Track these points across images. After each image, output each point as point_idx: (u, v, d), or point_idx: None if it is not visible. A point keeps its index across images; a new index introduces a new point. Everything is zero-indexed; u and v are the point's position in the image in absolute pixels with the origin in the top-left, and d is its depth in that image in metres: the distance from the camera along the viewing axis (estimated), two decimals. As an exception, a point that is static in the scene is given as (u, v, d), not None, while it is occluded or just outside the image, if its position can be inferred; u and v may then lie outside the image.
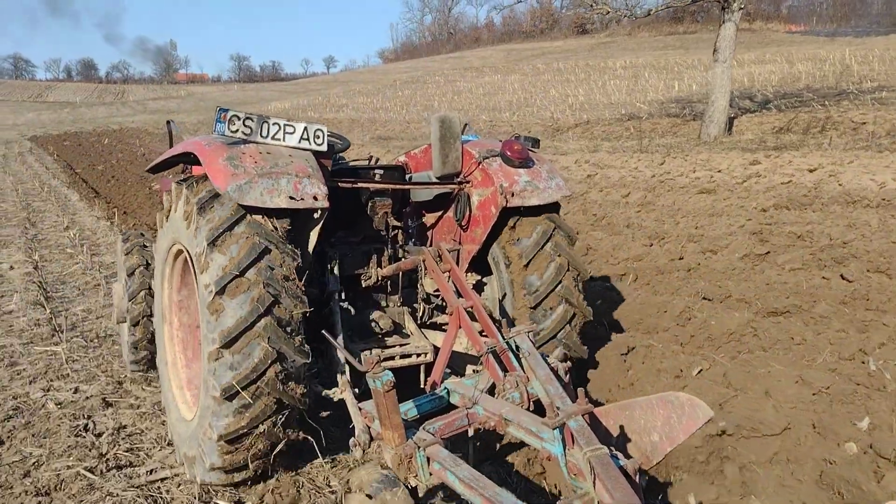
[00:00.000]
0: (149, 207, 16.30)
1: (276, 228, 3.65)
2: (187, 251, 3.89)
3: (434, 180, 4.76)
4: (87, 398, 5.37)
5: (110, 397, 5.38)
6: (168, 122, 6.63)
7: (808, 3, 70.50)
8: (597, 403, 3.97)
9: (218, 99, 77.75)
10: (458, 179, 4.71)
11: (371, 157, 5.63)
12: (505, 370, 3.82)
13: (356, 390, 3.90)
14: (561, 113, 29.86)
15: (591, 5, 21.41)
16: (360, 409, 3.69)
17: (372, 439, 3.47)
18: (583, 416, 3.13)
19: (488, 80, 54.36)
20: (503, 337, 3.92)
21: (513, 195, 4.39)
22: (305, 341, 3.68)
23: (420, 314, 4.84)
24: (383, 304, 4.76)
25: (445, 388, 3.90)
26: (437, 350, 4.31)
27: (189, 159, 4.58)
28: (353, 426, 3.65)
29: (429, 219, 5.20)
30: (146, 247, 5.70)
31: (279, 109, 53.31)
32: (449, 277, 4.43)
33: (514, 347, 3.90)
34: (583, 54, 65.37)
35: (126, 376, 5.84)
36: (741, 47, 50.88)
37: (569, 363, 3.92)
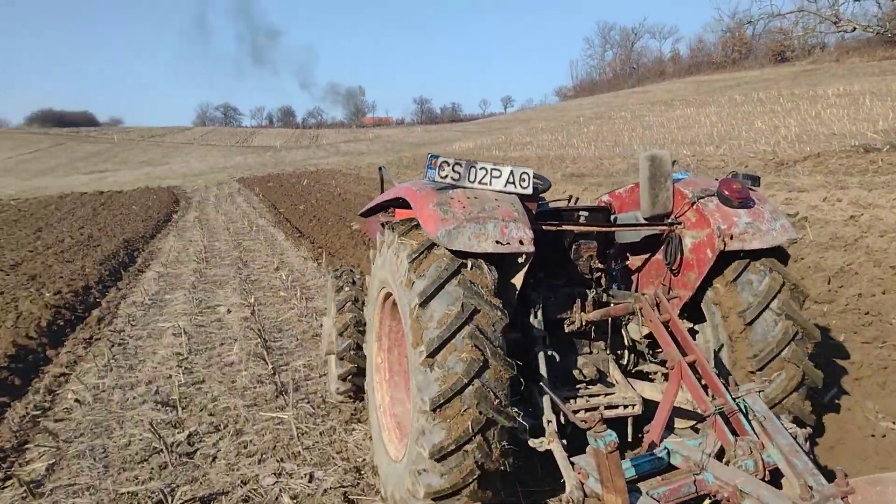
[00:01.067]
0: (351, 248, 16.12)
1: (485, 286, 3.59)
2: (396, 298, 3.89)
3: (642, 221, 4.53)
4: (325, 491, 4.53)
5: (351, 493, 4.50)
6: (380, 168, 6.75)
7: None
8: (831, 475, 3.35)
9: (403, 140, 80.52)
10: (669, 220, 4.46)
11: (570, 196, 5.38)
12: (734, 433, 3.61)
13: (564, 441, 3.68)
14: (774, 145, 27.04)
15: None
16: (572, 463, 3.50)
17: (586, 496, 3.32)
18: (842, 498, 2.96)
19: (679, 113, 51.54)
20: (732, 396, 3.70)
21: (731, 238, 4.11)
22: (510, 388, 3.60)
23: (625, 362, 4.62)
24: (586, 350, 4.54)
25: (666, 447, 3.71)
26: (644, 402, 4.17)
27: (398, 203, 4.69)
28: (563, 481, 3.44)
29: (634, 261, 4.96)
30: (355, 283, 5.95)
31: (463, 149, 53.76)
32: (668, 327, 4.14)
33: (744, 408, 3.69)
34: (784, 83, 60.53)
35: (364, 460, 4.97)
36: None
37: (809, 429, 3.66)
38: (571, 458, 3.55)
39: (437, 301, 3.51)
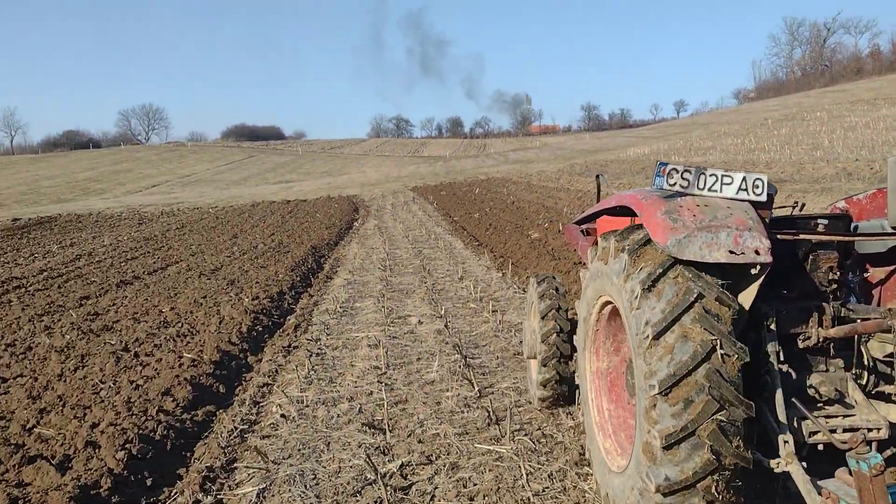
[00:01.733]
0: (534, 258, 15.46)
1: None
2: (617, 304, 3.85)
3: (888, 230, 4.30)
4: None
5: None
6: (598, 177, 6.64)
7: None
8: None
9: (573, 147, 79.15)
10: None
11: (796, 202, 4.96)
12: None
13: (804, 464, 3.52)
14: None
15: None
16: (818, 487, 3.30)
17: None
18: None
19: (886, 112, 46.44)
20: None
21: None
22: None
23: (864, 383, 4.19)
24: (822, 367, 4.17)
25: None
26: (891, 426, 3.86)
27: (615, 211, 4.65)
28: None
29: (875, 274, 4.61)
30: (558, 290, 5.96)
31: (637, 155, 51.72)
32: None
33: None
34: None
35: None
36: None
37: None
38: (818, 482, 3.35)
39: (661, 292, 3.43)
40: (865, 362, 4.20)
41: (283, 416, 6.38)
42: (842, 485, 3.20)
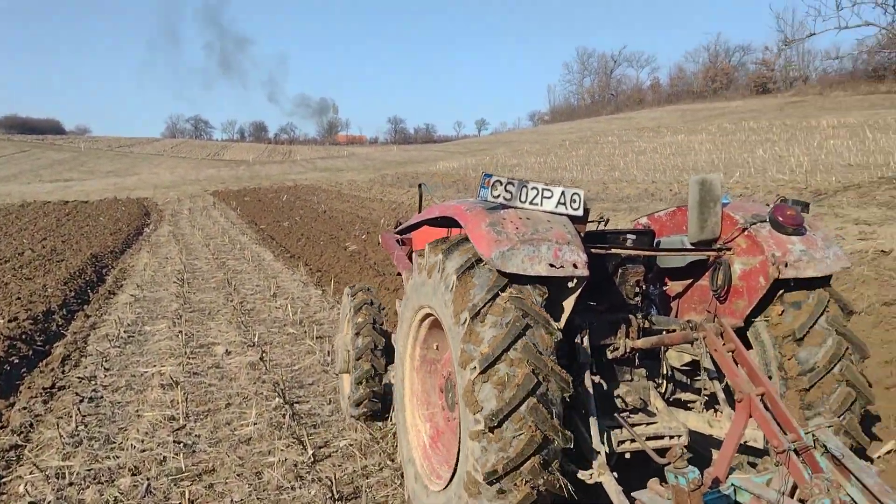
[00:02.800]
0: (355, 273, 14.16)
1: (535, 301, 3.50)
2: (440, 318, 3.79)
3: (688, 246, 4.43)
4: None
5: None
6: (420, 185, 6.57)
7: None
8: None
9: (382, 159, 78.69)
10: (718, 246, 4.34)
11: (602, 217, 5.06)
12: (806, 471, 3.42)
13: (615, 474, 3.59)
14: (787, 174, 25.79)
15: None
16: (631, 499, 3.30)
17: None
18: None
19: (670, 140, 50.57)
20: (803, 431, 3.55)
21: (786, 266, 3.98)
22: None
23: (663, 391, 4.40)
24: (627, 377, 4.32)
25: (732, 484, 3.44)
26: (691, 433, 4.06)
27: (435, 222, 4.71)
28: None
29: (674, 287, 4.83)
30: (373, 304, 5.79)
31: (447, 168, 52.11)
32: (733, 357, 3.96)
33: (816, 445, 3.49)
34: (770, 114, 60.05)
35: None
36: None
37: (878, 468, 3.57)
38: (631, 493, 3.35)
39: (489, 317, 3.42)
40: (665, 372, 4.39)
41: None
42: (654, 496, 3.20)
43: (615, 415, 3.93)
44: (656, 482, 3.26)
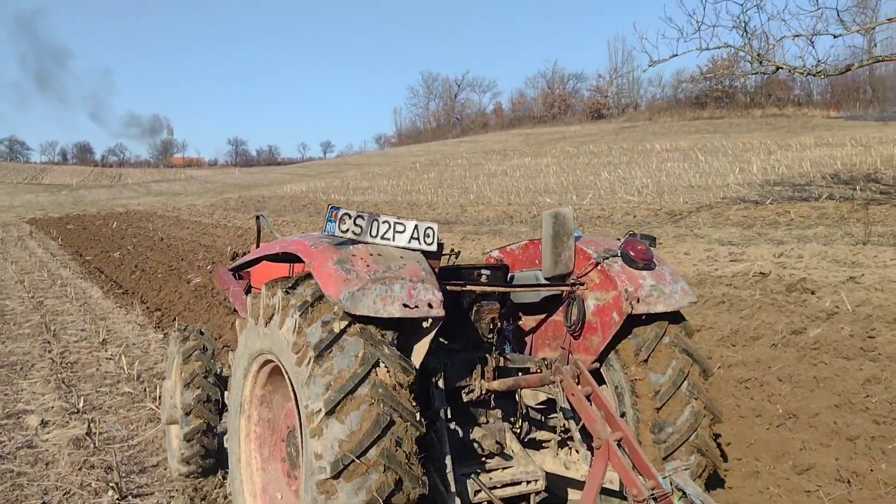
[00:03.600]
0: (203, 311, 12.47)
1: (385, 339, 3.29)
2: (281, 363, 3.52)
3: (542, 281, 4.33)
4: None
5: None
6: (258, 217, 6.09)
7: (847, 88, 68.59)
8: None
9: (224, 182, 74.95)
10: (572, 281, 4.25)
11: (452, 250, 4.96)
12: None
13: None
14: (635, 195, 26.64)
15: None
16: None
17: None
18: None
19: (517, 162, 51.68)
20: (661, 476, 3.53)
21: (638, 301, 3.93)
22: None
23: (518, 431, 4.26)
24: (483, 419, 4.14)
25: None
26: (548, 476, 3.98)
27: (275, 258, 4.40)
28: None
29: (527, 322, 4.72)
30: (203, 333, 5.39)
31: (295, 191, 50.19)
32: (589, 400, 3.89)
33: (674, 490, 3.47)
34: (607, 138, 63.19)
35: None
36: (788, 132, 48.68)
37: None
38: None
39: (335, 355, 3.14)
40: (520, 411, 4.25)
41: None
42: None
43: (471, 462, 3.85)
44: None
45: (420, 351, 3.48)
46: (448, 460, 3.63)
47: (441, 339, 4.13)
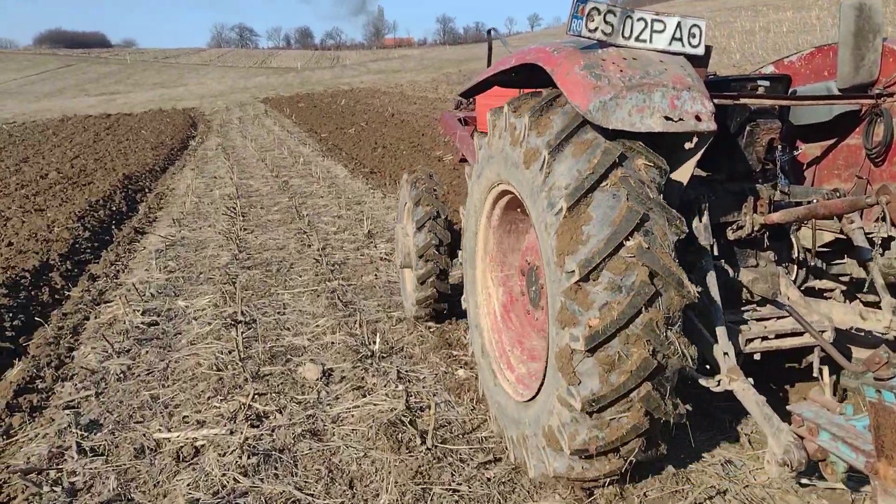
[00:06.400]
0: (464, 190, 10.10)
1: (654, 183, 2.76)
2: (523, 199, 3.07)
3: (836, 93, 3.64)
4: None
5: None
6: (490, 31, 5.61)
7: None
8: None
9: (439, 57, 73.16)
10: (877, 91, 3.55)
11: (709, 74, 3.85)
12: None
13: (750, 380, 2.93)
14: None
15: None
16: (796, 415, 2.75)
17: (808, 459, 2.62)
18: None
19: (777, 17, 44.03)
20: None
21: None
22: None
23: (793, 278, 3.65)
24: (752, 262, 3.53)
25: None
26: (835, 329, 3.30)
27: (503, 79, 3.75)
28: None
29: (808, 149, 3.97)
30: (436, 193, 5.20)
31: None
32: None
33: None
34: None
35: None
36: None
37: None
38: (790, 408, 2.82)
39: (593, 205, 2.67)
40: (795, 255, 3.68)
41: None
42: (821, 411, 2.68)
43: (739, 309, 3.33)
44: (820, 393, 2.88)
45: (682, 176, 2.95)
46: (717, 306, 3.05)
47: (697, 168, 3.15)
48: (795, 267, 3.71)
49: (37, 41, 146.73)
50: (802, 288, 3.68)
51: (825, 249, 3.66)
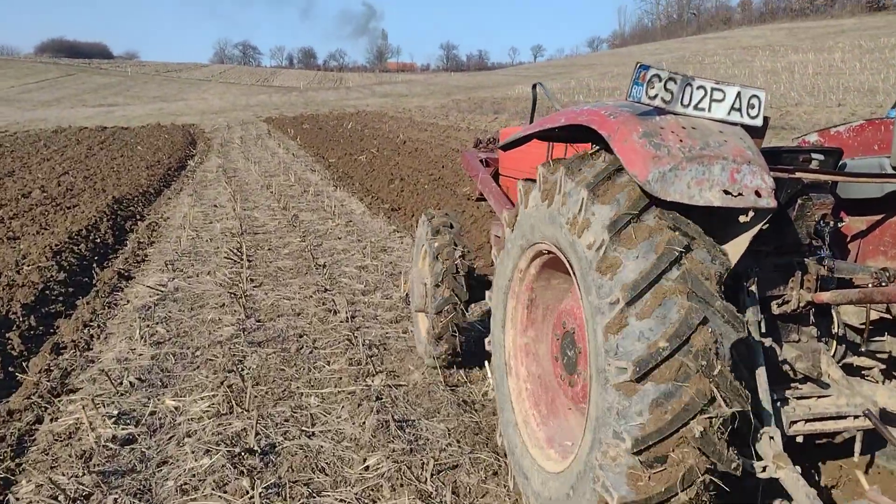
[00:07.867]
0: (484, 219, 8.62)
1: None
2: (563, 252, 2.94)
3: (889, 170, 3.48)
4: None
5: None
6: (535, 86, 5.20)
7: None
8: None
9: (446, 83, 72.22)
10: None
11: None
12: None
13: (798, 468, 2.71)
14: None
15: None
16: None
17: None
18: None
19: (797, 59, 43.07)
20: None
21: None
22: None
23: (832, 353, 3.45)
24: (794, 338, 3.38)
25: None
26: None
27: (548, 135, 3.52)
28: None
29: (853, 224, 3.82)
30: (453, 227, 5.08)
31: (526, 93, 45.78)
32: None
33: None
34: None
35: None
36: None
37: None
38: (854, 502, 2.82)
39: (634, 235, 2.56)
40: (835, 331, 3.49)
41: None
42: None
43: (782, 386, 3.14)
44: (877, 492, 2.67)
45: (734, 252, 2.77)
46: (763, 382, 2.89)
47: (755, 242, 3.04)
48: (835, 343, 3.53)
49: (38, 49, 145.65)
50: (840, 364, 3.51)
51: (864, 327, 3.46)
